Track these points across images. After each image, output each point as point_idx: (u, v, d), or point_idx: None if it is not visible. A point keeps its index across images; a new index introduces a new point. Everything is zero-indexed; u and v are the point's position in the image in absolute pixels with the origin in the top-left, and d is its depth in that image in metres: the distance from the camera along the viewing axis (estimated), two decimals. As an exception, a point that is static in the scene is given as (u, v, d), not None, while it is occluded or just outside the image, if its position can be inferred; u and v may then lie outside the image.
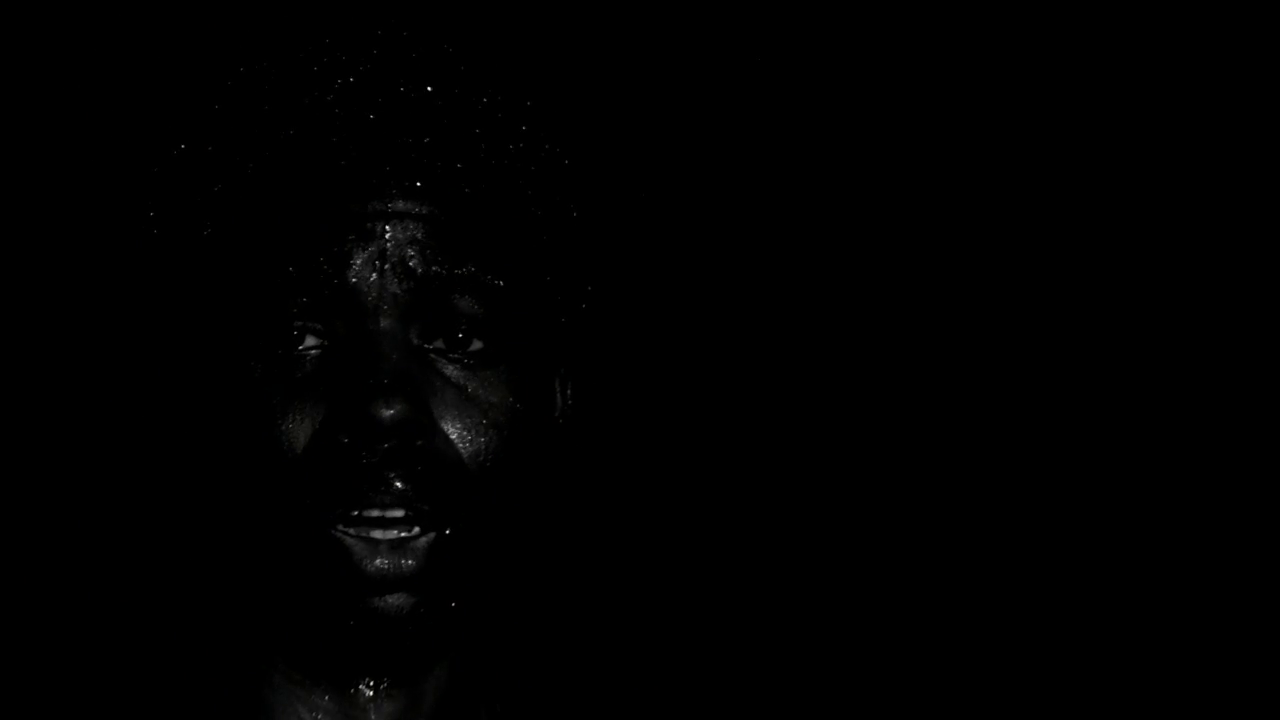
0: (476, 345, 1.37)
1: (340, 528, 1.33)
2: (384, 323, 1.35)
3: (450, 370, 1.37)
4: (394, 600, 1.34)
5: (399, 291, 1.35)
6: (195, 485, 1.43)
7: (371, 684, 1.41)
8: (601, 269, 1.49)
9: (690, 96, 2.19)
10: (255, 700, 1.42)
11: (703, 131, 2.19)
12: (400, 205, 1.36)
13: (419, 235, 1.36)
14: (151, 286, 1.43)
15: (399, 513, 1.34)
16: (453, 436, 1.36)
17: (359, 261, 1.35)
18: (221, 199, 1.39)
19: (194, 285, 1.40)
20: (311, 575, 1.35)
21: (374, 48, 1.42)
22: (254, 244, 1.37)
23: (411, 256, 1.36)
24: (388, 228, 1.36)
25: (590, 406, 1.53)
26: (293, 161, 1.37)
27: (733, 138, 2.20)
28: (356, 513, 1.33)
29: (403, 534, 1.34)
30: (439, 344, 1.37)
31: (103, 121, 2.01)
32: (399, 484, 1.33)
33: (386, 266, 1.35)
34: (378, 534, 1.34)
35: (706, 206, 2.20)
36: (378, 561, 1.33)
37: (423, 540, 1.34)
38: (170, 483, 1.47)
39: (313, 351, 1.36)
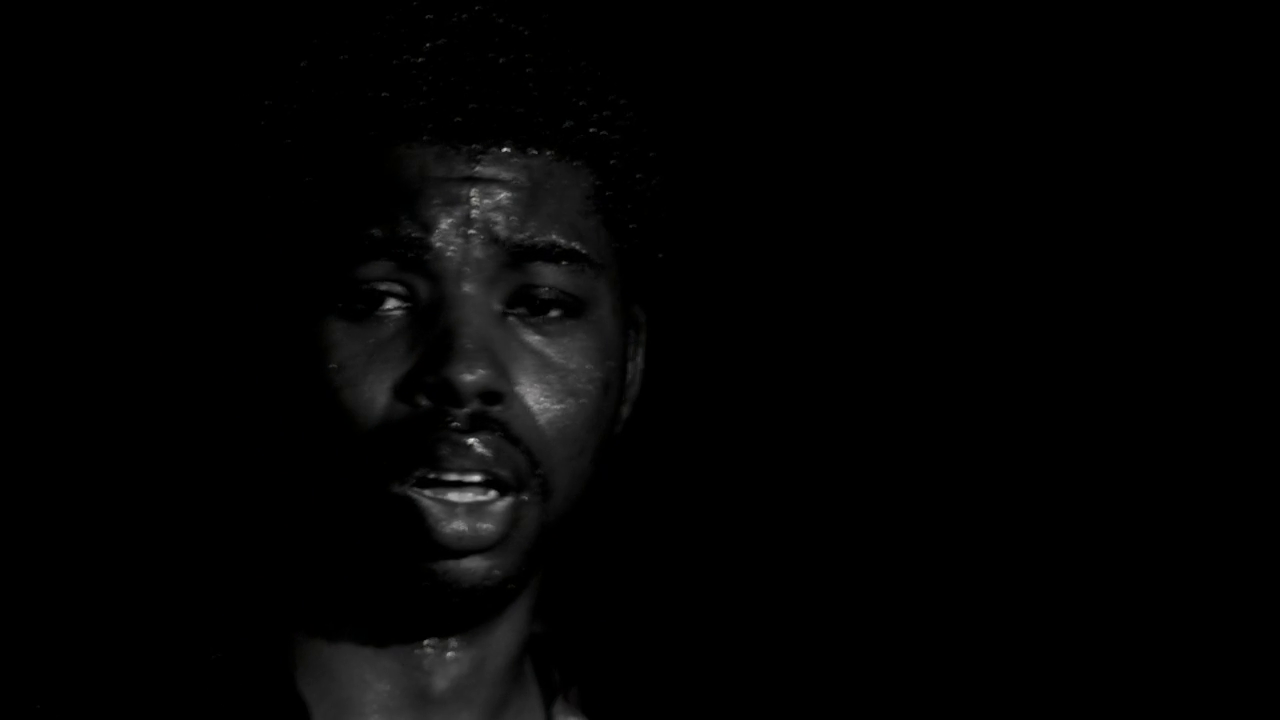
0: (557, 313, 1.38)
1: (417, 490, 1.34)
2: (467, 287, 1.36)
3: (530, 337, 1.38)
4: (469, 564, 1.35)
5: (483, 257, 1.36)
6: (267, 446, 1.44)
7: (438, 647, 1.41)
8: (680, 241, 1.49)
9: (776, 73, 2.18)
10: (319, 662, 1.43)
11: (789, 106, 2.19)
12: (488, 171, 1.37)
13: (505, 201, 1.37)
14: (234, 245, 1.44)
15: (476, 477, 1.34)
16: (531, 403, 1.37)
17: (445, 226, 1.36)
18: (308, 160, 1.39)
19: (278, 245, 1.41)
20: (386, 537, 1.35)
21: (462, 12, 1.42)
22: (339, 206, 1.38)
23: (497, 222, 1.36)
24: (474, 193, 1.36)
25: (659, 379, 1.54)
26: (380, 124, 1.38)
27: (822, 111, 2.19)
28: (434, 476, 1.34)
29: (479, 498, 1.35)
30: (520, 310, 1.38)
31: (187, 79, 2.01)
32: (478, 448, 1.34)
33: (472, 231, 1.36)
34: (454, 496, 1.34)
35: (789, 185, 2.20)
36: (455, 524, 1.34)
37: (500, 504, 1.35)
38: (241, 445, 1.47)
39: (394, 314, 1.36)
